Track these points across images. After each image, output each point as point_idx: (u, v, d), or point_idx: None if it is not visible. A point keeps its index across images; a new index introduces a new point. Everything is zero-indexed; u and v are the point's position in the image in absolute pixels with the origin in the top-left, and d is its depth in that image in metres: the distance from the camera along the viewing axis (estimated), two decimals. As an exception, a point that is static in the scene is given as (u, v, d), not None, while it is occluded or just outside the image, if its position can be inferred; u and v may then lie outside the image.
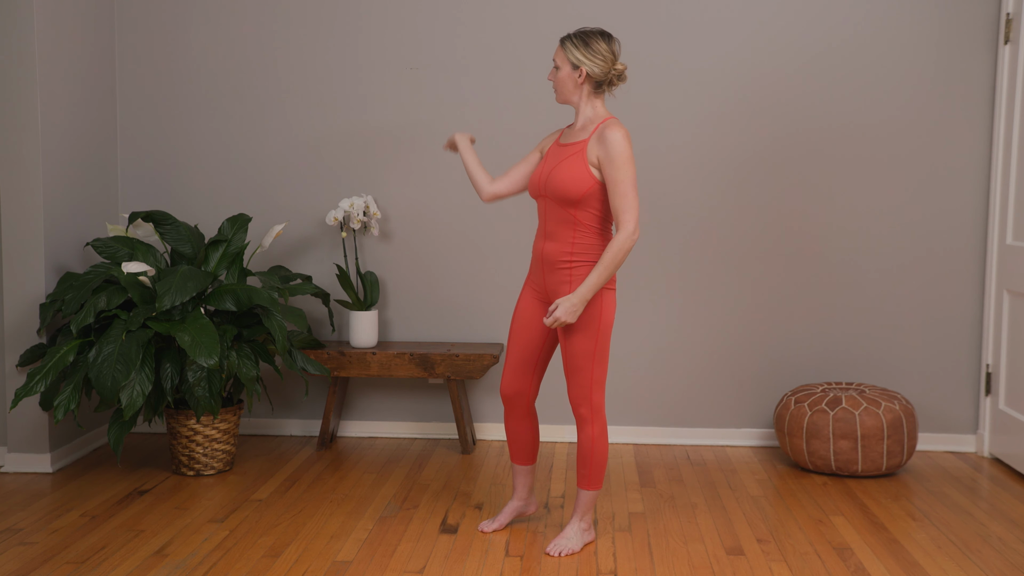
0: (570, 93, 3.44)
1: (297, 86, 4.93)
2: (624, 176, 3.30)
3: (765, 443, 4.91)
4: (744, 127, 4.80)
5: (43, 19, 4.34)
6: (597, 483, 3.51)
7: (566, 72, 3.41)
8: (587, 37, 3.38)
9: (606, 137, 3.31)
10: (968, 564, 3.42)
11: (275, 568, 3.33)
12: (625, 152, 3.30)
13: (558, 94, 3.47)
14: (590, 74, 3.38)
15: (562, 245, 3.42)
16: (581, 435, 3.47)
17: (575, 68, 3.39)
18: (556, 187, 3.38)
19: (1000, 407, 4.65)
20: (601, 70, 3.38)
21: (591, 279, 3.30)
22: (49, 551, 3.46)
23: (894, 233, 4.80)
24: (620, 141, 3.29)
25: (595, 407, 3.43)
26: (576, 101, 3.44)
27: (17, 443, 4.38)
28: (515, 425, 3.65)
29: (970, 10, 4.69)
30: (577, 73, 3.39)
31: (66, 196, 4.54)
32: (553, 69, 3.47)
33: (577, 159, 3.37)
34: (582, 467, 3.49)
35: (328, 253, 4.98)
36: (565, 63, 3.41)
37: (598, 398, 3.43)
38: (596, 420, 3.44)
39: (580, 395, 3.43)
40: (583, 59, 3.38)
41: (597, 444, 3.46)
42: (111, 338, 4.00)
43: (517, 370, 3.59)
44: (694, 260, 4.86)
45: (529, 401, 3.62)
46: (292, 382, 5.06)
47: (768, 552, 3.51)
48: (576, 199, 3.36)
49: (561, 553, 3.46)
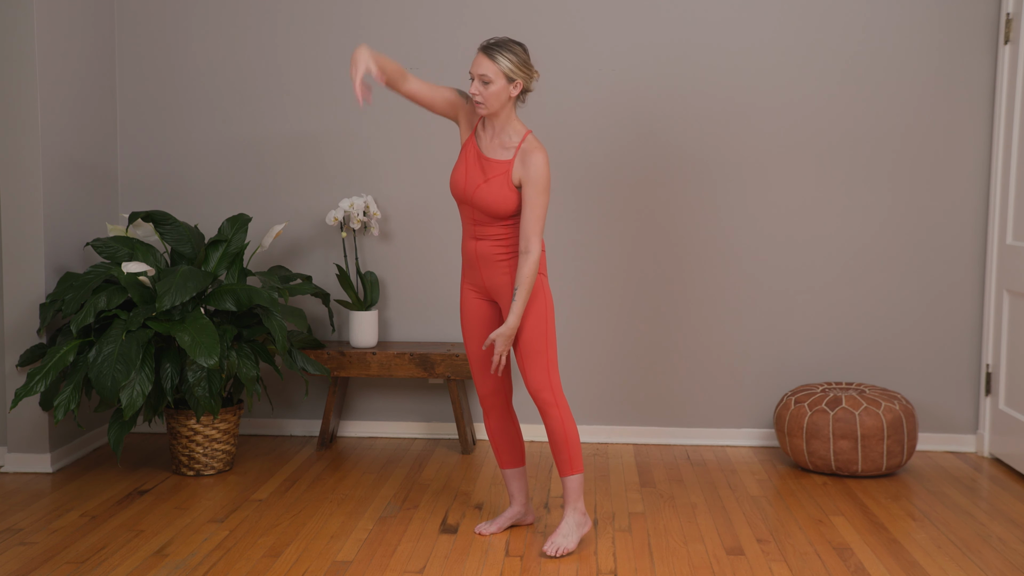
0: (500, 107, 3.37)
1: (297, 86, 4.93)
2: (541, 201, 3.36)
3: (765, 443, 4.91)
4: (744, 126, 4.80)
5: (43, 19, 4.33)
6: (578, 466, 3.51)
7: (500, 86, 3.32)
8: (513, 48, 3.34)
9: (530, 161, 3.35)
10: (968, 564, 3.42)
11: (275, 568, 3.33)
12: (546, 178, 3.36)
13: (485, 108, 3.35)
14: (525, 87, 3.38)
15: (494, 243, 3.47)
16: (549, 421, 3.48)
17: (510, 81, 3.34)
18: (484, 205, 3.42)
19: (1000, 407, 4.65)
20: (530, 82, 3.40)
21: (517, 304, 3.37)
22: (49, 551, 3.46)
23: (894, 233, 4.80)
24: (542, 167, 3.35)
25: (555, 389, 3.47)
26: (505, 115, 3.40)
27: (17, 443, 4.38)
28: (496, 425, 3.65)
29: (970, 10, 4.69)
30: (512, 86, 3.35)
31: (66, 196, 4.54)
32: (479, 83, 3.33)
33: (503, 181, 3.39)
34: (559, 453, 3.50)
35: (328, 253, 4.98)
36: (499, 77, 3.32)
37: (556, 381, 3.47)
38: (559, 402, 3.48)
39: (540, 380, 3.45)
40: (519, 73, 3.35)
41: (567, 425, 3.48)
42: (111, 338, 4.00)
43: (484, 370, 3.61)
44: (694, 260, 4.86)
45: (506, 398, 3.63)
46: (292, 382, 5.06)
47: (768, 552, 3.52)
48: (504, 217, 3.43)
49: (558, 552, 3.45)
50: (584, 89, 4.83)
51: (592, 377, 4.94)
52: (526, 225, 3.36)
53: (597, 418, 4.96)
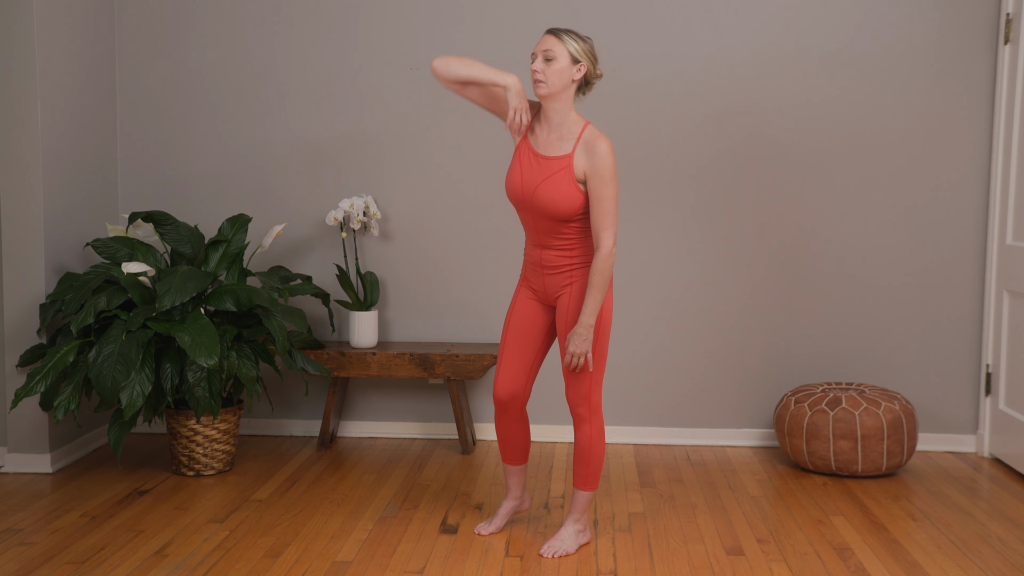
0: (561, 89, 3.25)
1: (297, 86, 4.93)
2: (609, 192, 3.22)
3: (765, 443, 4.91)
4: (743, 127, 4.80)
5: (43, 20, 4.34)
6: (594, 483, 3.50)
7: (564, 64, 3.23)
8: (583, 36, 3.28)
9: (595, 150, 3.22)
10: (968, 564, 3.42)
11: (275, 568, 3.33)
12: (612, 167, 3.22)
13: (546, 87, 3.23)
14: (587, 73, 3.29)
15: (559, 252, 3.37)
16: (579, 434, 3.46)
17: (575, 62, 3.25)
18: (545, 206, 3.28)
19: (1000, 407, 4.65)
20: (593, 70, 3.31)
21: (589, 304, 3.26)
22: (49, 551, 3.46)
23: (894, 233, 4.80)
24: (608, 156, 3.21)
25: (593, 406, 3.42)
26: (563, 102, 3.28)
27: (17, 443, 4.38)
28: (508, 427, 3.60)
29: (970, 10, 4.69)
30: (575, 68, 3.25)
31: (66, 196, 4.54)
32: (541, 60, 3.23)
33: (564, 176, 3.26)
34: (580, 467, 3.49)
35: (328, 253, 4.98)
36: (564, 55, 3.23)
37: (596, 397, 3.42)
38: (594, 419, 3.44)
39: (579, 395, 3.41)
40: (584, 54, 3.26)
41: (595, 443, 3.45)
42: (111, 338, 4.00)
43: (513, 372, 3.52)
44: (694, 260, 4.86)
45: (523, 404, 3.57)
46: (292, 382, 5.06)
47: (768, 552, 3.52)
48: (569, 218, 3.30)
49: (555, 554, 3.45)
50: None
51: (592, 377, 4.94)
52: (596, 220, 3.23)
53: (597, 418, 4.96)
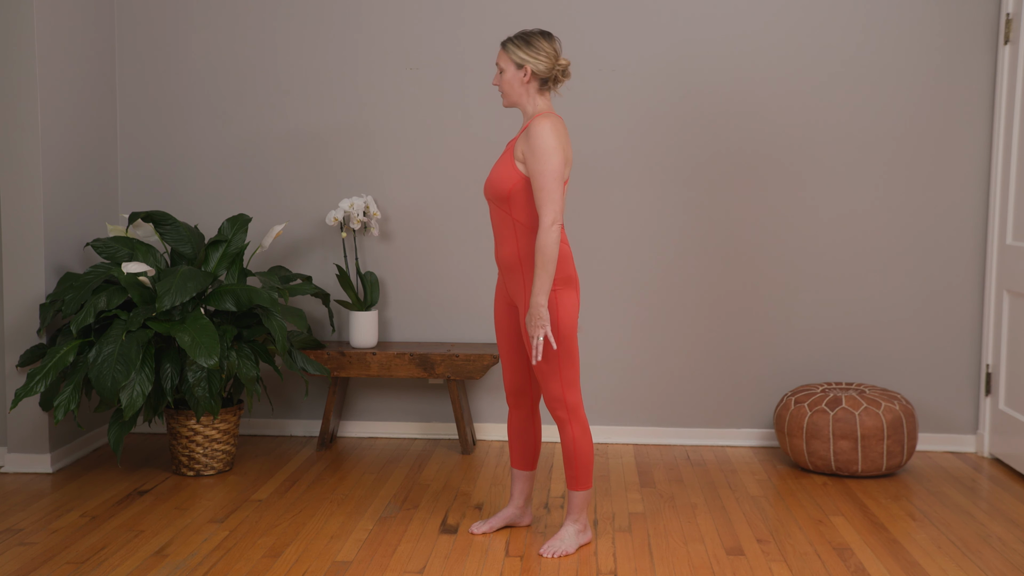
0: (517, 95, 3.42)
1: (297, 86, 4.93)
2: (543, 168, 3.27)
3: (765, 443, 4.91)
4: (743, 126, 4.80)
5: (43, 19, 4.34)
6: (586, 482, 3.50)
7: (511, 73, 3.40)
8: (528, 37, 3.39)
9: (531, 129, 3.31)
10: (968, 564, 3.42)
11: (275, 568, 3.33)
12: (546, 143, 3.27)
13: (505, 97, 3.45)
14: (535, 72, 3.38)
15: (509, 248, 3.42)
16: (563, 437, 3.47)
17: (519, 67, 3.39)
18: (488, 186, 3.42)
19: (1000, 407, 4.65)
20: (545, 67, 3.38)
21: (535, 283, 3.29)
22: (49, 551, 3.46)
23: (894, 233, 4.81)
24: (543, 133, 3.27)
25: (571, 407, 3.43)
26: (524, 103, 3.43)
27: (17, 443, 4.38)
28: (516, 425, 3.63)
29: (970, 10, 4.69)
30: (522, 72, 3.39)
31: (66, 196, 4.54)
32: (497, 74, 3.45)
33: (506, 157, 3.39)
34: (569, 468, 3.50)
35: (328, 253, 4.98)
36: (509, 64, 3.40)
37: (572, 398, 3.43)
38: (574, 420, 3.45)
39: (553, 397, 3.43)
40: (527, 58, 3.38)
41: (579, 443, 3.46)
42: (111, 338, 4.00)
43: (511, 368, 3.59)
44: (694, 259, 4.86)
45: (533, 399, 3.61)
46: (292, 382, 5.06)
47: (768, 552, 3.52)
48: (503, 196, 3.37)
49: (555, 554, 3.45)
50: (580, 86, 4.83)
51: (592, 377, 4.94)
52: (535, 196, 3.29)
53: (597, 418, 4.96)
